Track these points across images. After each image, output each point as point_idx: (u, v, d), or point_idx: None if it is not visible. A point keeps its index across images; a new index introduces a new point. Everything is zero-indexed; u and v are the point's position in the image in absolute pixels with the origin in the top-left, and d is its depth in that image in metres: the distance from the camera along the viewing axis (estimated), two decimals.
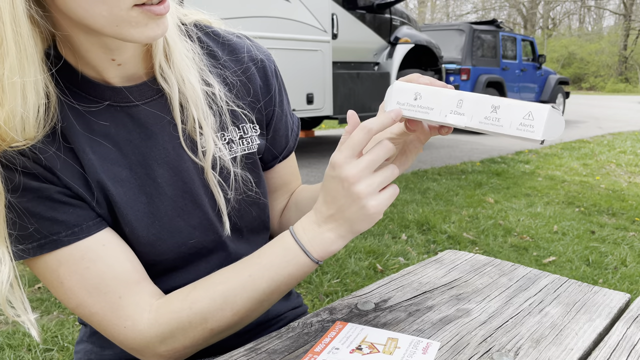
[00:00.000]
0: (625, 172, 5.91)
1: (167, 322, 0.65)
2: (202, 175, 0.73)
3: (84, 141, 0.66)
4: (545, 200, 4.48)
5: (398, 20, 7.00)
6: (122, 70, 0.69)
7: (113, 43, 0.65)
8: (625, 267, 2.99)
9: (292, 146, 0.88)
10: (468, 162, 6.30)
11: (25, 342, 2.04)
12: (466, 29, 9.16)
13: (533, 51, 10.99)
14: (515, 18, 43.03)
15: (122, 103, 0.69)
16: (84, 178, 0.66)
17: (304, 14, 5.08)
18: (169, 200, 0.71)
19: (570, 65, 35.48)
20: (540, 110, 0.58)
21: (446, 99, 0.61)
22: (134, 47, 0.68)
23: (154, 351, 0.67)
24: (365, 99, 6.31)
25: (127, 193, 0.69)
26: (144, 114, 0.70)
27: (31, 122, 0.59)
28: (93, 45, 0.64)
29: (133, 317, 0.65)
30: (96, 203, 0.67)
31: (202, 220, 0.74)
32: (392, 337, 0.63)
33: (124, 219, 0.68)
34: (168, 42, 0.70)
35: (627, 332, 0.66)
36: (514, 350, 0.61)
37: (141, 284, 0.68)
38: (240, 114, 0.78)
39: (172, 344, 0.66)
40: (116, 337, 0.66)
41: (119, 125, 0.69)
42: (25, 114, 0.57)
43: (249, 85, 0.79)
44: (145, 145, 0.70)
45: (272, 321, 0.87)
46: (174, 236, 0.72)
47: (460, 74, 8.93)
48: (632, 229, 3.70)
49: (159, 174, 0.71)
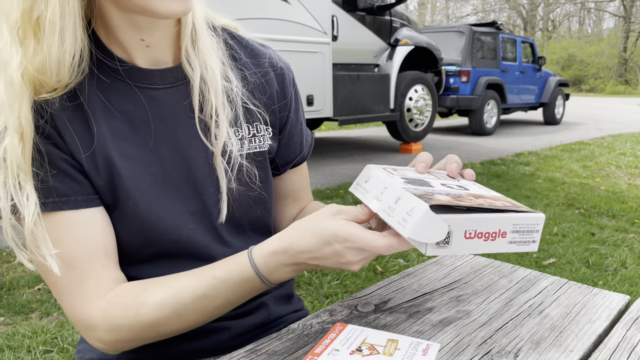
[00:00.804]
0: (625, 174, 5.91)
1: (114, 315, 0.67)
2: (209, 163, 0.75)
3: (100, 112, 0.69)
4: (545, 202, 4.48)
5: (398, 22, 7.01)
6: (149, 52, 0.72)
7: (143, 22, 0.68)
8: (625, 268, 2.99)
9: (305, 155, 0.91)
10: (468, 163, 6.31)
11: (25, 344, 2.04)
12: (466, 30, 9.16)
13: (533, 53, 10.99)
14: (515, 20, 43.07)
15: (144, 84, 0.72)
16: (91, 147, 0.68)
17: (304, 15, 5.08)
18: (171, 184, 0.73)
19: (570, 67, 35.50)
20: (418, 209, 0.56)
21: (379, 184, 0.64)
22: (163, 29, 0.72)
23: (99, 337, 0.68)
24: (365, 100, 6.31)
25: (132, 169, 0.70)
26: (163, 98, 0.73)
27: (66, 66, 0.62)
28: (124, 23, 0.68)
29: (87, 300, 0.67)
30: (97, 174, 0.68)
31: (200, 209, 0.75)
32: (392, 339, 0.63)
33: (128, 193, 0.70)
34: (196, 29, 0.74)
35: (627, 333, 0.66)
36: (514, 352, 0.61)
37: (107, 268, 0.69)
38: (255, 113, 0.80)
39: (116, 336, 0.68)
40: (68, 312, 0.69)
41: (137, 105, 0.72)
42: (61, 57, 0.61)
43: (266, 87, 0.82)
44: (158, 128, 0.73)
45: (273, 323, 0.87)
46: (173, 218, 0.73)
47: (460, 76, 8.93)
48: (632, 231, 3.69)
49: (166, 157, 0.73)
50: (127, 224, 0.71)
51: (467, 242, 0.58)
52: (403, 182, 0.63)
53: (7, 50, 0.60)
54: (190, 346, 0.79)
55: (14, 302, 2.38)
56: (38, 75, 0.61)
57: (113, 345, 0.69)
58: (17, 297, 2.44)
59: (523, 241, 0.60)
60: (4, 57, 0.60)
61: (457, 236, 0.58)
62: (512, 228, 0.59)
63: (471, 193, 0.64)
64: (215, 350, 0.80)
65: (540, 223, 0.60)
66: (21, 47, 0.60)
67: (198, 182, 0.75)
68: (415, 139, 7.37)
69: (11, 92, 0.60)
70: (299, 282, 2.68)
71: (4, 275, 2.70)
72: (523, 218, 0.60)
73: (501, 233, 0.59)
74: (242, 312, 0.82)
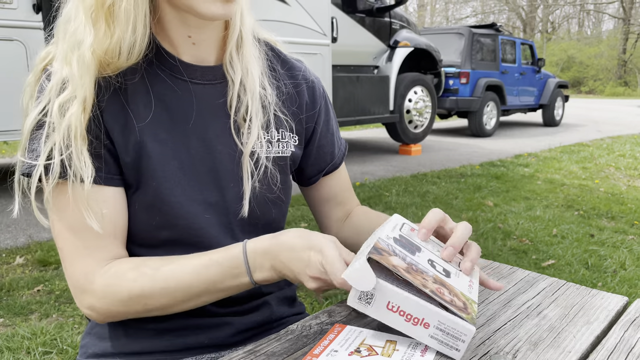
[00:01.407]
0: (625, 176, 5.92)
1: (111, 282, 0.71)
2: (233, 160, 0.79)
3: (142, 96, 0.74)
4: (544, 203, 4.48)
5: (397, 24, 7.02)
6: (195, 49, 0.78)
7: (192, 21, 0.74)
8: (624, 270, 2.99)
9: (337, 163, 0.96)
10: (467, 165, 6.31)
11: (24, 345, 2.04)
12: (465, 32, 9.17)
13: (532, 55, 11.00)
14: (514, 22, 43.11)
15: (185, 77, 0.77)
16: (127, 126, 0.73)
17: (303, 17, 5.09)
18: (195, 173, 0.77)
19: (570, 68, 35.53)
20: (362, 257, 0.60)
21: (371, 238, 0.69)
22: (211, 30, 0.78)
23: (91, 303, 0.72)
24: (364, 102, 6.32)
25: (162, 152, 0.75)
26: (200, 92, 0.78)
27: (134, 52, 0.70)
28: (175, 19, 0.74)
29: (89, 266, 0.72)
30: (126, 152, 0.73)
31: (218, 201, 0.79)
32: (391, 340, 0.63)
33: (153, 174, 0.74)
34: (242, 36, 0.80)
35: (625, 335, 0.67)
36: (512, 353, 0.61)
37: (114, 245, 0.74)
38: (283, 120, 0.85)
39: (108, 304, 0.72)
40: (69, 275, 0.73)
41: (175, 94, 0.77)
42: (130, 43, 0.68)
43: (296, 98, 0.88)
44: (191, 119, 0.77)
45: (274, 323, 0.88)
46: (191, 205, 0.77)
47: (459, 78, 8.94)
48: (631, 233, 3.70)
49: (194, 147, 0.77)
50: (147, 203, 0.75)
51: (388, 313, 0.60)
52: (392, 240, 0.66)
53: (82, 30, 0.68)
54: (193, 340, 0.80)
55: (13, 303, 2.38)
56: (105, 57, 0.69)
57: (103, 312, 0.73)
58: (16, 299, 2.44)
59: (445, 343, 0.59)
60: (79, 36, 0.68)
61: (379, 301, 0.60)
62: (436, 324, 0.59)
63: (440, 278, 0.63)
64: (217, 345, 0.81)
65: (468, 335, 0.58)
66: (93, 29, 0.68)
67: (220, 175, 0.79)
68: (415, 140, 7.37)
69: (82, 66, 0.67)
70: None
71: (3, 277, 2.70)
72: (451, 320, 0.58)
73: (424, 323, 0.59)
74: (245, 309, 0.83)
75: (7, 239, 3.32)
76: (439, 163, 6.48)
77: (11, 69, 3.59)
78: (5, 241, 3.28)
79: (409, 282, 0.60)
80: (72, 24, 0.69)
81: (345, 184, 0.99)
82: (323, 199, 0.97)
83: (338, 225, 0.98)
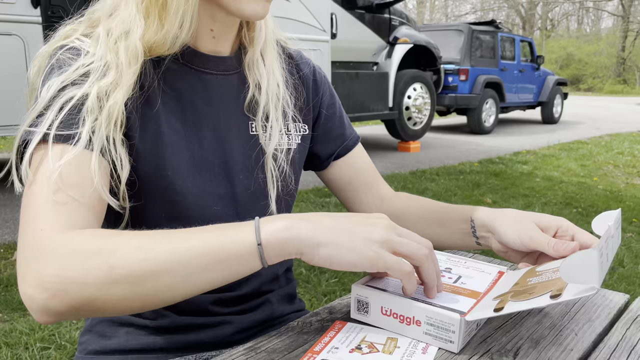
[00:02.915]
0: (623, 174, 5.92)
1: (78, 239, 0.58)
2: (243, 152, 0.79)
3: (157, 83, 0.73)
4: (543, 200, 4.48)
5: (397, 20, 7.01)
6: (213, 42, 0.77)
7: (220, 16, 0.74)
8: (622, 267, 3.00)
9: (349, 145, 0.94)
10: (466, 162, 6.31)
11: (22, 341, 2.03)
12: (465, 29, 9.16)
13: (531, 52, 10.99)
14: (513, 19, 43.08)
15: (197, 66, 0.77)
16: (144, 115, 0.72)
17: (303, 13, 5.08)
18: (206, 164, 0.76)
19: (569, 66, 35.53)
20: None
21: None
22: (232, 25, 0.78)
23: (39, 271, 0.56)
24: (364, 98, 6.31)
25: (176, 142, 0.74)
26: (212, 83, 0.78)
27: (178, 43, 0.70)
28: (202, 11, 0.72)
29: (57, 224, 0.59)
30: (143, 139, 0.71)
31: (228, 193, 0.78)
32: (392, 337, 0.62)
33: (169, 162, 0.73)
34: (267, 41, 0.81)
35: (627, 332, 0.66)
36: (514, 351, 0.61)
37: (96, 216, 0.64)
38: (294, 116, 0.86)
39: (65, 268, 0.56)
40: (30, 235, 0.59)
41: (189, 84, 0.76)
42: (178, 35, 0.69)
43: (302, 88, 0.89)
44: (204, 109, 0.77)
45: (275, 321, 0.87)
46: (202, 197, 0.76)
47: (458, 75, 8.93)
48: (630, 230, 3.70)
49: (206, 137, 0.76)
50: (160, 196, 0.73)
51: (384, 317, 0.64)
52: None
53: (132, 19, 0.69)
54: (193, 338, 0.79)
55: (11, 298, 2.38)
56: (152, 47, 0.70)
57: (51, 282, 0.55)
58: (14, 294, 2.44)
59: (439, 337, 0.60)
60: (129, 25, 0.69)
61: (374, 308, 0.64)
62: (425, 320, 0.61)
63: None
64: (218, 343, 0.81)
65: (455, 324, 0.59)
66: (145, 21, 0.69)
67: (230, 167, 0.78)
68: (414, 137, 7.37)
69: (132, 56, 0.68)
70: (297, 279, 2.68)
71: (1, 272, 2.69)
72: (437, 313, 0.60)
73: (415, 321, 0.61)
74: (246, 308, 0.83)
75: (5, 234, 3.31)
76: (438, 160, 6.48)
77: (9, 64, 3.58)
78: (3, 236, 3.27)
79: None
80: (121, 12, 0.69)
81: (366, 165, 0.96)
82: (342, 184, 0.95)
83: (376, 210, 0.94)
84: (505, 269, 0.75)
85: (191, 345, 0.79)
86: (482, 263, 0.77)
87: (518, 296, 0.60)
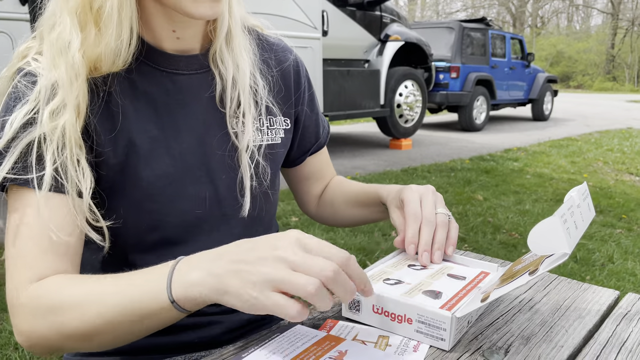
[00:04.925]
0: (613, 170, 5.97)
1: (36, 297, 0.62)
2: (225, 152, 0.77)
3: (127, 92, 0.71)
4: (533, 197, 4.51)
5: (388, 18, 7.01)
6: (178, 43, 0.75)
7: (178, 17, 0.71)
8: (612, 263, 3.02)
9: (322, 143, 0.96)
10: (457, 159, 6.33)
11: (12, 341, 2.02)
12: (456, 27, 9.18)
13: (522, 49, 11.04)
14: (504, 16, 43.24)
15: (168, 69, 0.74)
16: (116, 128, 0.70)
17: (294, 10, 5.07)
18: (187, 167, 0.75)
19: (559, 63, 35.74)
20: None
21: None
22: (197, 26, 0.75)
23: (17, 322, 0.63)
24: (355, 96, 6.31)
25: (154, 150, 0.72)
26: (185, 83, 0.75)
27: (122, 56, 0.66)
28: (159, 13, 0.70)
29: (25, 279, 0.63)
30: (114, 153, 0.70)
31: (211, 195, 0.77)
32: (383, 335, 0.62)
33: (143, 173, 0.71)
34: (231, 30, 0.76)
35: (617, 329, 0.67)
36: (505, 348, 0.61)
37: (61, 259, 0.65)
38: (272, 107, 0.83)
39: (29, 321, 0.62)
40: (8, 292, 0.65)
41: (160, 88, 0.74)
42: (118, 48, 0.65)
43: (283, 82, 0.86)
44: (179, 111, 0.75)
45: (265, 319, 0.87)
46: (183, 202, 0.74)
47: (449, 72, 8.95)
48: (619, 226, 3.73)
49: (185, 140, 0.75)
50: (135, 205, 0.72)
51: (376, 315, 0.64)
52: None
53: (67, 33, 0.64)
54: (182, 339, 0.79)
55: (1, 298, 2.36)
56: (96, 62, 0.66)
57: (27, 332, 0.62)
58: (3, 294, 2.41)
59: (431, 335, 0.60)
60: (65, 39, 0.64)
61: (366, 307, 0.64)
62: (416, 317, 0.61)
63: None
64: (207, 344, 0.80)
65: (446, 322, 0.59)
66: (81, 32, 0.65)
67: (212, 168, 0.77)
68: (405, 134, 7.38)
69: (71, 72, 0.64)
70: None
71: None
72: (427, 311, 0.60)
73: (407, 318, 0.62)
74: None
75: None
76: (429, 157, 6.50)
77: None
78: None
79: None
80: (57, 25, 0.65)
81: (326, 160, 1.00)
82: (304, 176, 0.97)
83: (316, 200, 1.00)
84: (495, 266, 0.75)
85: (180, 346, 0.78)
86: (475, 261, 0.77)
87: (502, 283, 0.61)
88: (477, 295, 0.63)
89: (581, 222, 0.63)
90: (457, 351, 0.60)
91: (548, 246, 0.56)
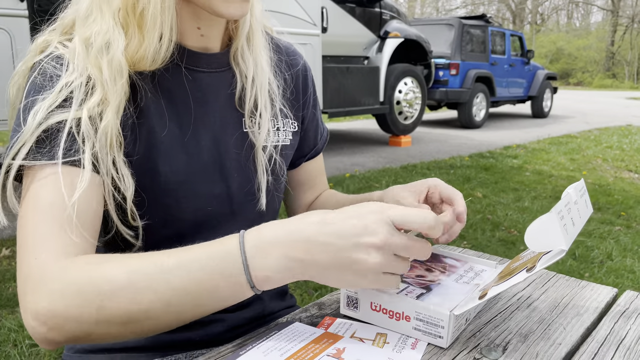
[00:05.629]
0: (612, 167, 5.97)
1: (70, 272, 0.57)
2: (240, 151, 0.78)
3: (150, 87, 0.71)
4: (532, 194, 4.51)
5: (388, 14, 7.00)
6: (201, 40, 0.75)
7: (204, 15, 0.72)
8: (611, 261, 3.02)
9: (319, 148, 0.96)
10: (457, 156, 6.33)
11: (11, 338, 2.02)
12: (455, 23, 9.16)
13: (522, 46, 11.03)
14: (504, 13, 43.19)
15: (189, 65, 0.75)
16: (135, 124, 0.70)
17: (293, 7, 5.05)
18: (202, 165, 0.75)
19: (558, 60, 35.71)
20: None
21: None
22: (221, 24, 0.76)
23: (38, 300, 0.56)
24: (354, 93, 6.30)
25: (172, 146, 0.72)
26: (205, 81, 0.76)
27: (161, 56, 0.68)
28: (185, 10, 0.71)
29: (51, 252, 0.59)
30: (134, 148, 0.69)
31: (222, 192, 0.77)
32: (381, 333, 0.62)
33: (162, 168, 0.71)
34: (252, 29, 0.78)
35: (615, 326, 0.67)
36: (503, 345, 0.61)
37: (87, 241, 0.63)
38: (284, 109, 0.85)
39: (57, 300, 0.55)
40: (26, 266, 0.58)
41: (181, 85, 0.74)
42: (158, 49, 0.67)
43: (294, 85, 0.88)
44: (198, 109, 0.75)
45: (266, 318, 0.87)
46: (196, 199, 0.75)
47: (449, 69, 8.94)
48: (618, 224, 3.73)
49: (203, 138, 0.75)
50: (152, 200, 0.71)
51: (373, 313, 0.64)
52: None
53: (111, 33, 0.65)
54: (184, 336, 0.78)
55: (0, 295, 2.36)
56: (135, 62, 0.67)
57: (48, 318, 0.55)
58: (2, 291, 2.41)
59: (429, 332, 0.60)
60: (108, 38, 0.65)
61: (364, 304, 0.65)
62: (414, 315, 0.61)
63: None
64: (209, 342, 0.80)
65: (444, 320, 0.59)
66: (125, 33, 0.66)
67: (225, 166, 0.77)
68: (405, 131, 7.38)
69: (116, 71, 0.65)
70: None
71: None
72: (425, 308, 0.60)
73: (405, 316, 0.62)
74: (237, 305, 0.81)
75: None
76: (429, 154, 6.50)
77: None
78: None
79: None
80: (97, 24, 0.65)
81: (321, 167, 0.99)
82: (297, 182, 0.97)
83: (305, 209, 0.99)
84: (494, 263, 0.75)
85: (182, 344, 0.78)
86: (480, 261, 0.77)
87: (500, 280, 0.61)
88: (475, 293, 0.63)
89: (578, 219, 0.62)
90: (455, 349, 0.60)
91: (545, 243, 0.56)
